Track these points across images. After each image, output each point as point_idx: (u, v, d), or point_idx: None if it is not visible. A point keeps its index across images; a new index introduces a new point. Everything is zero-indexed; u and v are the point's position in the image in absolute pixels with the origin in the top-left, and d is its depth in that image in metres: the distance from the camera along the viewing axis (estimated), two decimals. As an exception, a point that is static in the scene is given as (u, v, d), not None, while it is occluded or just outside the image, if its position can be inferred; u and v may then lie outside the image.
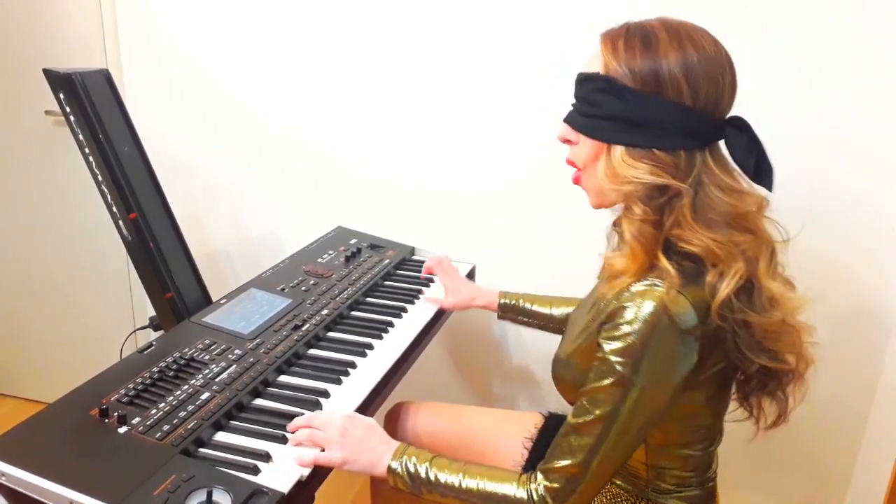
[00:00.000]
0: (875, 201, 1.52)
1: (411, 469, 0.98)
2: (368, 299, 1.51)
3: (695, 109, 0.88)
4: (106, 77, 1.40)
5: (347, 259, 1.66)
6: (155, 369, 1.13)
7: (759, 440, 1.05)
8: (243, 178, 2.01)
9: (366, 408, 1.16)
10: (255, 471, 0.95)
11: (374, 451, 1.00)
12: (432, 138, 1.80)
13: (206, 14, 1.89)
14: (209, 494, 0.87)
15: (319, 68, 1.84)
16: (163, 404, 1.05)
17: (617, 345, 0.88)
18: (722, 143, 0.93)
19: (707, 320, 0.88)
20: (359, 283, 1.54)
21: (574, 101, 0.97)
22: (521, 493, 0.93)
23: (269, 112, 1.93)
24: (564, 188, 1.74)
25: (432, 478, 0.97)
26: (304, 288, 1.49)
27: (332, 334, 1.36)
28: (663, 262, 0.88)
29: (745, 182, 0.93)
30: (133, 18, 1.96)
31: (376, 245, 1.77)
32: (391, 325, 1.41)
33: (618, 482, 1.09)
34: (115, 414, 1.00)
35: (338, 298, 1.46)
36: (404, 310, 1.47)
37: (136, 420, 1.00)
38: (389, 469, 0.99)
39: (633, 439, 0.92)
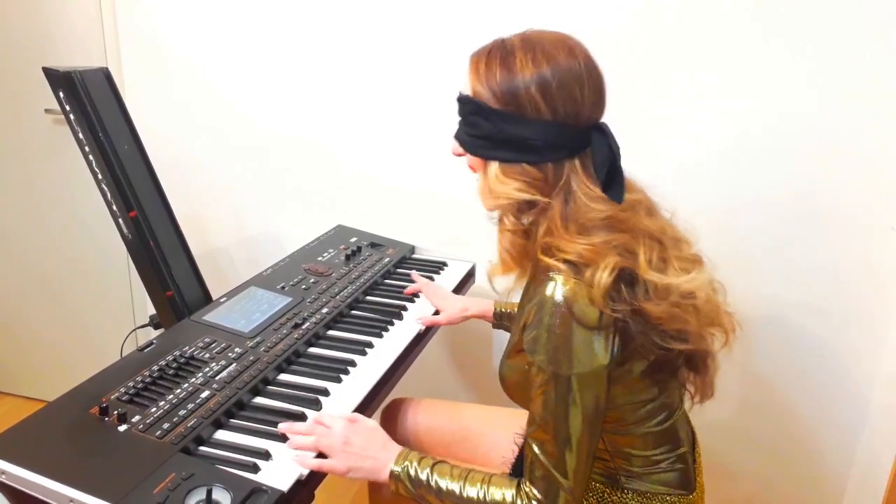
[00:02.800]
0: (874, 201, 1.51)
1: (412, 474, 0.99)
2: (368, 298, 1.51)
3: (555, 122, 0.91)
4: (106, 75, 1.40)
5: (347, 257, 1.66)
6: (155, 367, 1.13)
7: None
8: (244, 176, 2.01)
9: (365, 406, 1.16)
10: (254, 469, 0.95)
11: (376, 458, 1.02)
12: (432, 138, 1.80)
13: (207, 14, 1.89)
14: (209, 493, 0.87)
15: (320, 68, 1.84)
16: (163, 402, 1.05)
17: (537, 345, 0.91)
18: None
19: (601, 309, 0.89)
20: (359, 282, 1.54)
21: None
22: (519, 502, 0.95)
23: (269, 110, 1.93)
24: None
25: (433, 484, 0.98)
26: (304, 286, 1.49)
27: (332, 333, 1.36)
28: (550, 261, 0.91)
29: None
30: (133, 18, 1.96)
31: (376, 243, 1.77)
32: (391, 323, 1.41)
33: (594, 476, 1.09)
34: (115, 412, 1.00)
35: (338, 297, 1.46)
36: (404, 308, 1.47)
37: (136, 418, 1.00)
38: (392, 475, 1.00)
39: (590, 428, 0.93)
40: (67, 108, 1.39)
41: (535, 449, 0.94)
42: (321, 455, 1.01)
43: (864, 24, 1.43)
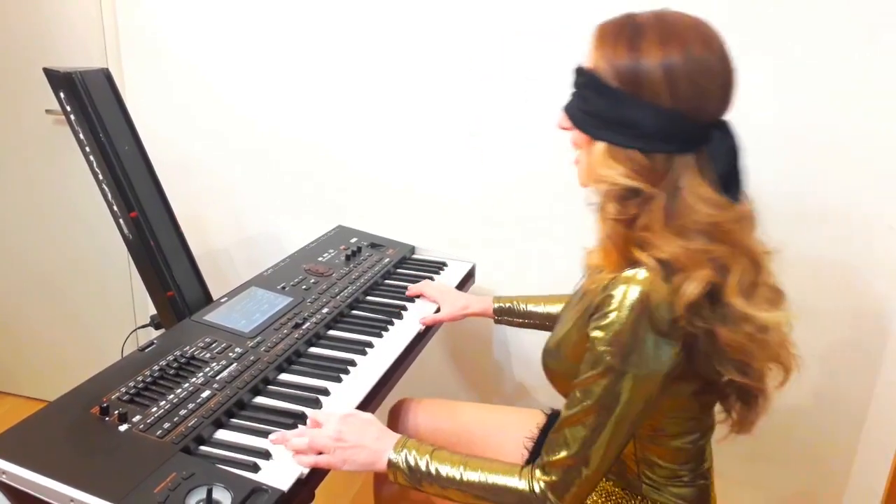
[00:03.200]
0: (873, 201, 1.51)
1: (412, 462, 0.98)
2: (369, 298, 1.52)
3: (674, 112, 0.86)
4: (106, 76, 1.40)
5: (348, 258, 1.66)
6: (156, 367, 1.13)
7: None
8: (244, 176, 2.01)
9: (366, 406, 1.16)
10: (255, 468, 0.95)
11: (370, 449, 1.00)
12: (433, 138, 1.80)
13: (207, 14, 1.89)
14: (209, 492, 0.87)
15: (320, 68, 1.84)
16: (163, 402, 1.05)
17: (605, 334, 0.88)
18: None
19: (678, 318, 0.87)
20: (359, 282, 1.54)
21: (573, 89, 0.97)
22: (523, 485, 0.94)
23: (270, 111, 1.93)
24: (564, 187, 1.74)
25: (433, 471, 0.96)
26: (304, 286, 1.49)
27: (332, 332, 1.36)
28: (642, 256, 0.88)
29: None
30: (133, 18, 1.96)
31: (376, 244, 1.77)
32: (391, 323, 1.41)
33: (611, 479, 1.10)
34: (116, 412, 1.01)
35: (338, 297, 1.46)
36: (404, 308, 1.48)
37: (136, 418, 1.01)
38: (389, 463, 0.99)
39: (628, 429, 0.91)
40: (68, 108, 1.39)
41: (566, 432, 0.92)
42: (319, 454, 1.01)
43: (862, 23, 1.43)
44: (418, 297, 1.54)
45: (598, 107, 0.90)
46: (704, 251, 0.86)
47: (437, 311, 1.48)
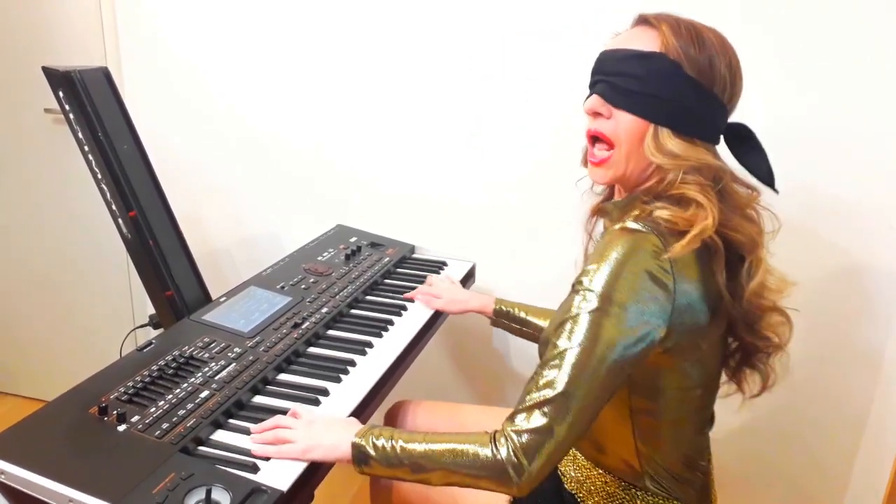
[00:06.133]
0: (874, 201, 1.51)
1: (378, 444, 0.93)
2: (368, 297, 1.51)
3: (725, 108, 0.94)
4: (105, 75, 1.39)
5: (347, 257, 1.65)
6: (154, 367, 1.13)
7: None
8: (243, 175, 2.01)
9: (365, 406, 1.16)
10: (254, 469, 0.95)
11: (336, 434, 0.97)
12: (432, 138, 1.80)
13: (206, 14, 1.89)
14: (208, 493, 0.87)
15: (320, 68, 1.84)
16: (162, 402, 1.05)
17: (588, 273, 0.89)
18: None
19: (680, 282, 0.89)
20: (359, 282, 1.54)
21: (603, 74, 0.95)
22: (488, 451, 0.88)
23: (269, 110, 1.93)
24: (564, 187, 1.74)
25: (398, 447, 0.92)
26: (303, 286, 1.49)
27: (331, 332, 1.36)
28: (657, 210, 0.91)
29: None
30: (133, 18, 1.96)
31: (376, 243, 1.77)
32: (391, 323, 1.41)
33: (611, 476, 1.08)
34: (115, 412, 1.00)
35: (338, 297, 1.46)
36: (404, 308, 1.47)
37: (135, 418, 1.00)
38: (354, 445, 0.94)
39: (604, 382, 0.86)
40: (67, 107, 1.39)
41: (539, 380, 0.88)
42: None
43: (864, 23, 1.42)
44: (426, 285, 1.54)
45: (670, 92, 0.91)
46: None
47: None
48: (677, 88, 0.90)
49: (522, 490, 0.87)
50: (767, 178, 0.99)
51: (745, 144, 0.99)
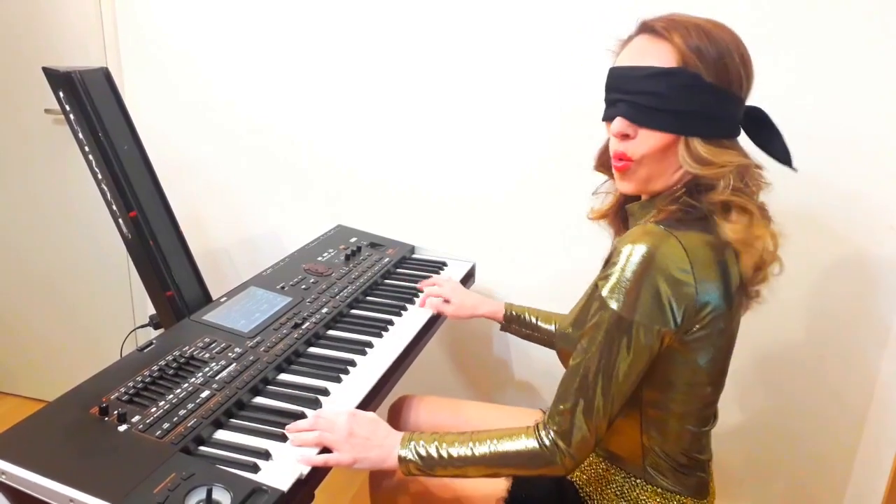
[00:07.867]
0: (874, 201, 1.51)
1: (422, 453, 1.00)
2: (368, 298, 1.51)
3: (743, 101, 0.96)
4: (105, 75, 1.40)
5: (347, 257, 1.66)
6: (155, 367, 1.13)
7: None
8: (243, 176, 2.01)
9: (365, 406, 1.16)
10: (254, 469, 0.95)
11: (381, 446, 1.02)
12: (432, 138, 1.80)
13: (206, 14, 1.89)
14: (209, 492, 0.87)
15: (320, 67, 1.84)
16: (163, 402, 1.05)
17: (610, 281, 0.91)
18: None
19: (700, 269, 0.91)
20: (359, 282, 1.54)
21: (623, 92, 0.95)
22: (533, 443, 0.96)
23: (269, 110, 1.93)
24: (564, 186, 1.74)
25: (444, 455, 0.99)
26: (304, 286, 1.49)
27: (332, 332, 1.36)
28: (672, 207, 0.94)
29: None
30: (133, 18, 1.96)
31: (376, 243, 1.77)
32: (391, 323, 1.41)
33: (614, 466, 1.10)
34: (115, 412, 1.00)
35: (338, 297, 1.46)
36: (404, 308, 1.47)
37: (135, 418, 1.00)
38: (400, 459, 1.00)
39: (632, 378, 0.94)
40: (67, 108, 1.39)
41: (572, 380, 0.95)
42: (325, 451, 1.01)
43: (865, 22, 1.42)
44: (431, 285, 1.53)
45: (696, 105, 0.92)
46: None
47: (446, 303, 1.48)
48: (700, 98, 0.91)
49: (569, 469, 0.97)
50: (786, 158, 1.01)
51: (762, 128, 1.01)
